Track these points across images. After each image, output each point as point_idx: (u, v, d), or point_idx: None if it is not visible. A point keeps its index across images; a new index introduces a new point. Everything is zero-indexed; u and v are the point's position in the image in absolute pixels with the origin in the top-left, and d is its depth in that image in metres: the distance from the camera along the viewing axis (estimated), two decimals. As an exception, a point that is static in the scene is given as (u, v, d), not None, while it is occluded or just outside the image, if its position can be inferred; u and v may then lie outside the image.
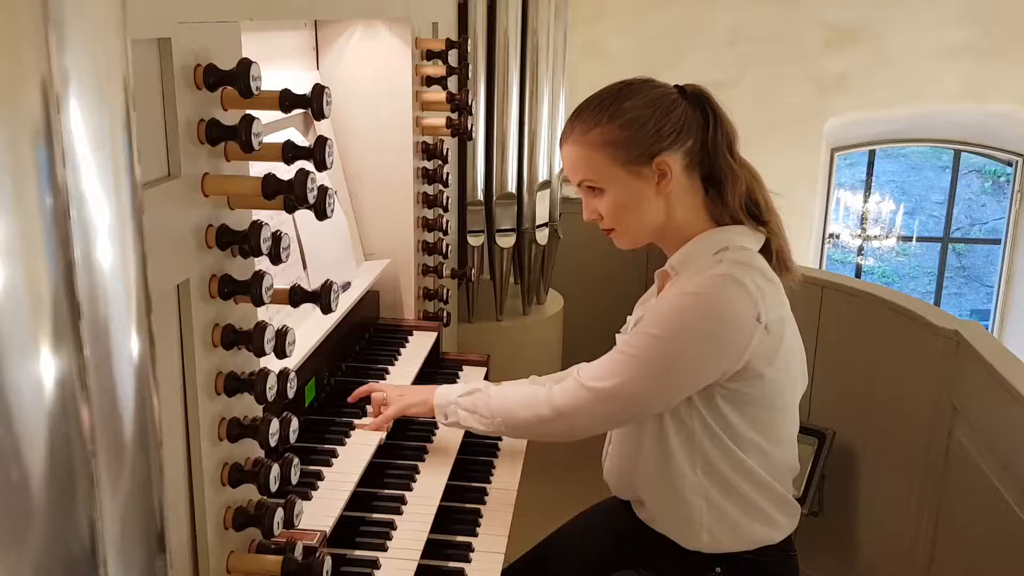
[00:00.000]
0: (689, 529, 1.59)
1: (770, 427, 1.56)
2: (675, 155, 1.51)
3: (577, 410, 1.55)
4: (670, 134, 1.50)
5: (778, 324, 1.50)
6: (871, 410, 2.77)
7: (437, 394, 1.75)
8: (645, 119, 1.50)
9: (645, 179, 1.52)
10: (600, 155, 1.52)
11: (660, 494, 1.60)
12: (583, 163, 1.55)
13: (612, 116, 1.51)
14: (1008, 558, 2.04)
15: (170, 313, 1.04)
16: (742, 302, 1.45)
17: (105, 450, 0.44)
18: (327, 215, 1.15)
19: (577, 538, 1.89)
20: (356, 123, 2.14)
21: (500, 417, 1.66)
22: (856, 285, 2.91)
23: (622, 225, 1.57)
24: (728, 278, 1.46)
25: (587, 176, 1.55)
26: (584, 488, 2.16)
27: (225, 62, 1.07)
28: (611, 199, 1.54)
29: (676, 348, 1.47)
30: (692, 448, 1.54)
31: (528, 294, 3.41)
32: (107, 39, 0.44)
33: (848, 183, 9.69)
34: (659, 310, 1.51)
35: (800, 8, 6.84)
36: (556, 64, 3.21)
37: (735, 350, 1.45)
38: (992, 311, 8.84)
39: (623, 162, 1.51)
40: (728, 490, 1.56)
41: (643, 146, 1.50)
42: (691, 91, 1.56)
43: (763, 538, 1.60)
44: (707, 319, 1.46)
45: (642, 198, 1.53)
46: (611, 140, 1.51)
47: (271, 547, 1.24)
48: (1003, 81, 6.94)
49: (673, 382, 1.49)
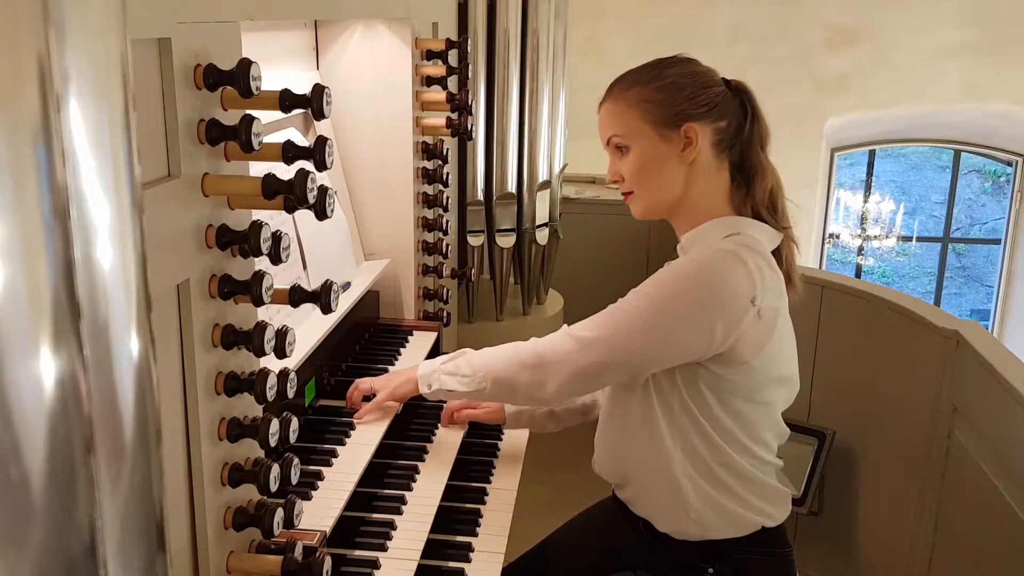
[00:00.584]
0: (675, 509, 1.58)
1: (750, 422, 1.56)
2: (705, 127, 1.53)
3: (558, 359, 1.55)
4: (704, 104, 1.53)
5: (772, 313, 1.50)
6: (871, 410, 2.77)
7: (421, 366, 1.77)
8: (683, 85, 1.53)
9: (671, 143, 1.53)
10: (632, 111, 1.54)
11: (646, 470, 1.60)
12: (615, 117, 1.57)
13: (652, 78, 1.55)
14: (1008, 558, 2.04)
15: (170, 313, 1.04)
16: (740, 279, 1.46)
17: (105, 450, 0.44)
18: (327, 215, 1.15)
19: (575, 539, 1.89)
20: (356, 123, 2.14)
21: (481, 372, 1.66)
22: (856, 285, 2.91)
23: (640, 187, 1.57)
24: (731, 254, 1.47)
25: (616, 131, 1.57)
26: (583, 488, 2.16)
27: (225, 62, 1.07)
28: (635, 158, 1.55)
29: (667, 312, 1.48)
30: (674, 427, 1.55)
31: (528, 294, 3.41)
32: (107, 39, 0.44)
33: (848, 183, 9.70)
34: (659, 275, 1.53)
35: (800, 8, 6.85)
36: (556, 64, 3.21)
37: (724, 325, 1.46)
38: (992, 311, 8.85)
39: (653, 121, 1.53)
40: (708, 472, 1.56)
41: (675, 108, 1.52)
42: (734, 83, 1.59)
43: (752, 522, 1.59)
44: (703, 287, 1.47)
45: (665, 162, 1.54)
46: (646, 98, 1.53)
47: (271, 547, 1.24)
48: (1003, 81, 6.95)
49: (657, 342, 1.49)
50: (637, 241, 3.82)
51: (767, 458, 1.61)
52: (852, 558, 2.90)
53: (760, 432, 1.59)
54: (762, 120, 1.58)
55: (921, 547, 2.51)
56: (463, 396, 1.75)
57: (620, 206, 4.14)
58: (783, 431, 1.65)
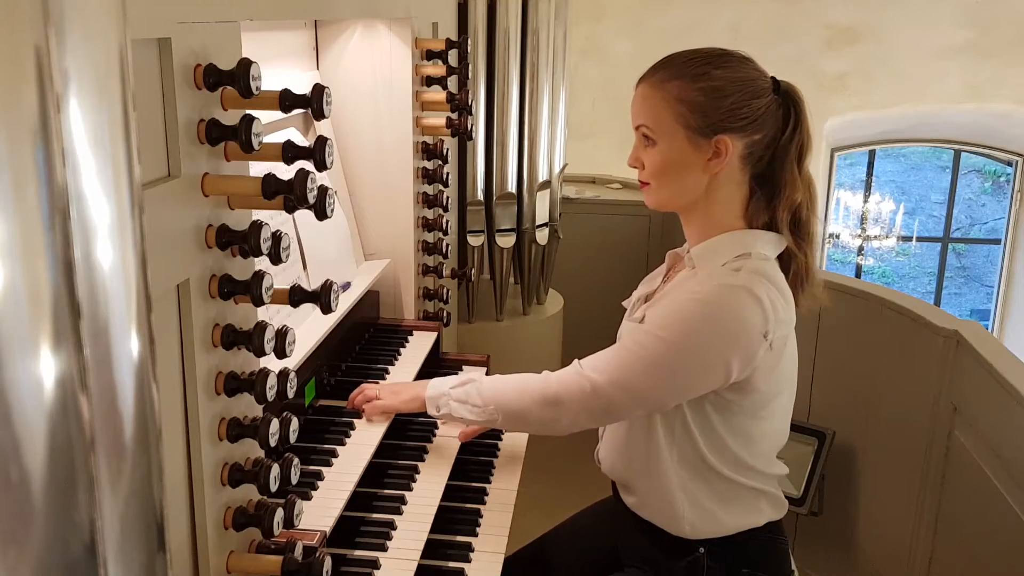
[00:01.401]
0: (672, 516, 1.59)
1: (753, 439, 1.57)
2: (738, 141, 1.48)
3: (572, 399, 1.55)
4: (744, 118, 1.47)
5: (781, 341, 1.49)
6: (871, 410, 2.77)
7: (429, 386, 1.75)
8: (728, 93, 1.47)
9: (700, 150, 1.48)
10: (669, 108, 1.49)
11: (646, 481, 1.61)
12: (649, 109, 1.51)
13: (697, 76, 1.48)
14: (1008, 558, 2.04)
15: (170, 313, 1.04)
16: (754, 317, 1.44)
17: (105, 450, 0.44)
18: (327, 215, 1.15)
19: (574, 535, 1.89)
20: (356, 123, 2.14)
21: (492, 404, 1.65)
22: (856, 285, 2.91)
23: (659, 183, 1.54)
24: (744, 291, 1.44)
25: (647, 122, 1.52)
26: (583, 488, 2.16)
27: (225, 62, 1.07)
28: (659, 155, 1.51)
29: (682, 353, 1.46)
30: (671, 439, 1.56)
31: (528, 294, 3.41)
32: (107, 39, 0.44)
33: (848, 183, 9.69)
34: (670, 312, 1.49)
35: (800, 8, 6.85)
36: (556, 64, 3.21)
37: (739, 364, 1.45)
38: (992, 311, 8.84)
39: (686, 125, 1.48)
40: (702, 482, 1.56)
41: (713, 118, 1.46)
42: (785, 88, 1.53)
43: (742, 524, 1.60)
44: (716, 330, 1.45)
45: (689, 167, 1.50)
46: (685, 98, 1.47)
47: (271, 547, 1.24)
48: (1003, 81, 6.95)
49: (672, 385, 1.49)
50: (637, 241, 3.82)
51: (768, 471, 1.61)
52: (852, 558, 2.90)
53: (762, 446, 1.59)
54: (806, 130, 1.53)
55: (921, 547, 2.51)
56: (472, 424, 1.75)
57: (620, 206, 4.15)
58: (784, 439, 1.65)
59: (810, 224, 1.55)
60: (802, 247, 1.54)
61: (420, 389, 1.77)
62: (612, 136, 6.26)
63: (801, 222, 1.54)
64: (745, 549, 1.61)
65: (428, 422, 1.96)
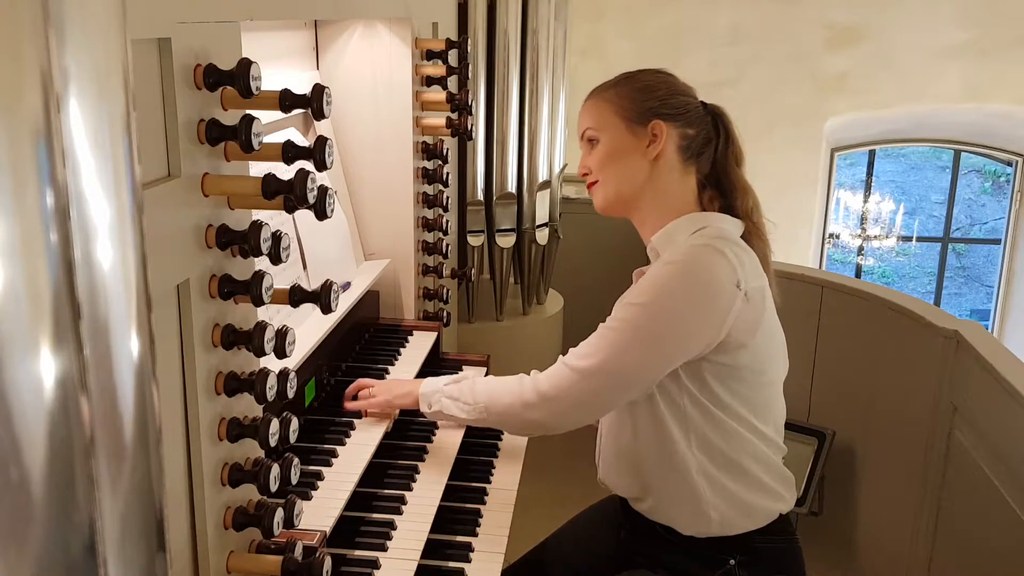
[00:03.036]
0: (696, 511, 1.59)
1: (757, 404, 1.58)
2: (672, 129, 1.60)
3: (562, 392, 1.55)
4: (674, 108, 1.61)
5: (758, 293, 1.53)
6: (871, 410, 2.77)
7: (424, 383, 1.78)
8: (657, 87, 1.63)
9: (638, 137, 1.60)
10: (607, 106, 1.64)
11: (664, 479, 1.60)
12: (590, 112, 1.66)
13: (628, 79, 1.66)
14: (1008, 558, 2.04)
15: (170, 313, 1.04)
16: (722, 268, 1.48)
17: (105, 450, 0.44)
18: (327, 215, 1.15)
19: (577, 537, 1.89)
20: (356, 123, 2.14)
21: (483, 403, 1.67)
22: (856, 285, 2.91)
23: (603, 175, 1.64)
24: (707, 247, 1.51)
25: (590, 124, 1.66)
26: (583, 487, 2.16)
27: (225, 62, 1.07)
28: (602, 147, 1.64)
29: (661, 315, 1.49)
30: (687, 427, 1.56)
31: (528, 294, 3.41)
32: (107, 39, 0.44)
33: (848, 183, 9.69)
34: (643, 282, 1.54)
35: (800, 8, 6.84)
36: (556, 64, 3.21)
37: (718, 316, 1.47)
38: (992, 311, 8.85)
39: (624, 115, 1.61)
40: (726, 464, 1.57)
41: (645, 106, 1.60)
42: (711, 106, 1.67)
43: (769, 511, 1.61)
44: (690, 284, 1.49)
45: (630, 154, 1.61)
46: (621, 95, 1.63)
47: (271, 547, 1.24)
48: (1003, 81, 6.94)
49: (659, 351, 1.50)
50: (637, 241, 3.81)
51: (776, 440, 1.64)
52: (852, 558, 2.90)
53: (768, 413, 1.62)
54: (736, 143, 1.65)
55: (921, 547, 2.51)
56: (463, 422, 1.76)
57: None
58: (783, 412, 1.68)
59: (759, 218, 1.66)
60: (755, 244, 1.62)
61: (415, 385, 1.80)
62: (612, 136, 6.25)
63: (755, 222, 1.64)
64: (772, 556, 1.62)
65: (428, 422, 1.96)
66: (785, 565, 1.65)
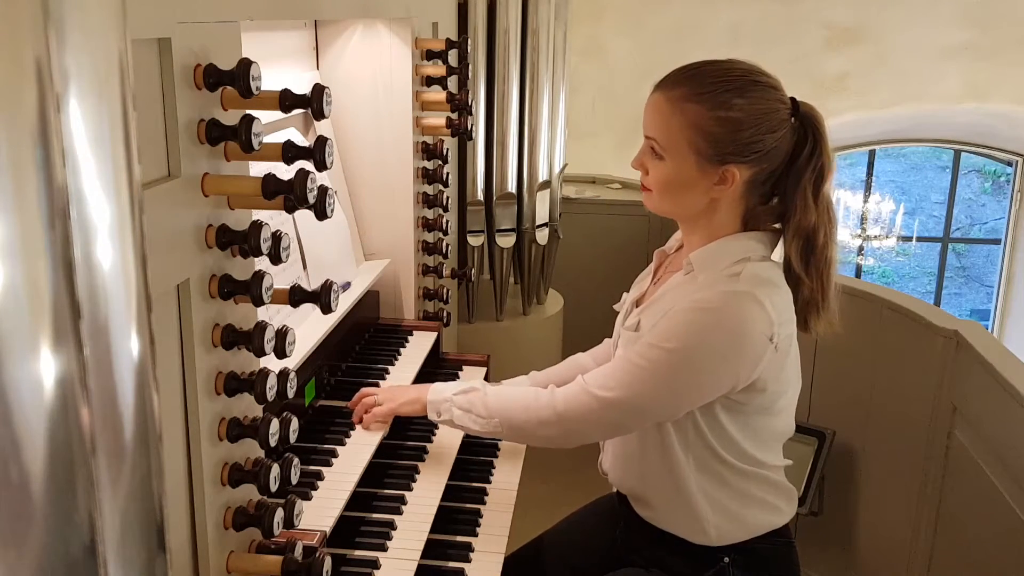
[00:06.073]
0: (695, 524, 1.60)
1: (764, 436, 1.59)
2: (746, 171, 1.48)
3: (580, 416, 1.55)
4: (756, 152, 1.47)
5: (786, 341, 1.50)
6: (871, 410, 2.77)
7: (431, 390, 1.73)
8: (745, 127, 1.45)
9: (706, 175, 1.48)
10: (682, 132, 1.47)
11: (665, 492, 1.61)
12: (663, 125, 1.49)
13: (717, 104, 1.45)
14: (1008, 558, 2.04)
15: (170, 313, 1.04)
16: (758, 322, 1.44)
17: (105, 450, 0.44)
18: (327, 215, 1.15)
19: (573, 533, 1.89)
20: (356, 123, 2.14)
21: (498, 417, 1.64)
22: (856, 285, 2.90)
23: (660, 195, 1.54)
24: (747, 296, 1.44)
25: (658, 138, 1.50)
26: (583, 488, 2.16)
27: (225, 62, 1.07)
28: (665, 171, 1.50)
29: (689, 364, 1.46)
30: (689, 451, 1.56)
31: (528, 294, 3.41)
32: (107, 39, 0.44)
33: (848, 183, 9.69)
34: (675, 323, 1.48)
35: (800, 8, 6.84)
36: (556, 64, 3.21)
37: (746, 369, 1.46)
38: (992, 311, 8.85)
39: (697, 151, 1.47)
40: (727, 487, 1.57)
41: (725, 149, 1.46)
42: (804, 111, 1.51)
43: (766, 524, 1.62)
44: (722, 337, 1.45)
45: (692, 188, 1.50)
46: (700, 125, 1.46)
47: (271, 547, 1.24)
48: (1003, 81, 6.94)
49: (681, 396, 1.49)
50: (637, 241, 3.82)
51: (778, 463, 1.63)
52: (852, 558, 2.90)
53: (773, 440, 1.61)
54: (825, 154, 1.50)
55: (921, 547, 2.51)
56: (475, 433, 1.74)
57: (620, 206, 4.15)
58: (791, 431, 1.66)
59: (827, 250, 1.52)
60: (812, 273, 1.52)
61: (421, 392, 1.75)
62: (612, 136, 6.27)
63: (816, 248, 1.51)
64: (766, 555, 1.63)
65: (428, 422, 1.96)
66: (779, 564, 1.65)
